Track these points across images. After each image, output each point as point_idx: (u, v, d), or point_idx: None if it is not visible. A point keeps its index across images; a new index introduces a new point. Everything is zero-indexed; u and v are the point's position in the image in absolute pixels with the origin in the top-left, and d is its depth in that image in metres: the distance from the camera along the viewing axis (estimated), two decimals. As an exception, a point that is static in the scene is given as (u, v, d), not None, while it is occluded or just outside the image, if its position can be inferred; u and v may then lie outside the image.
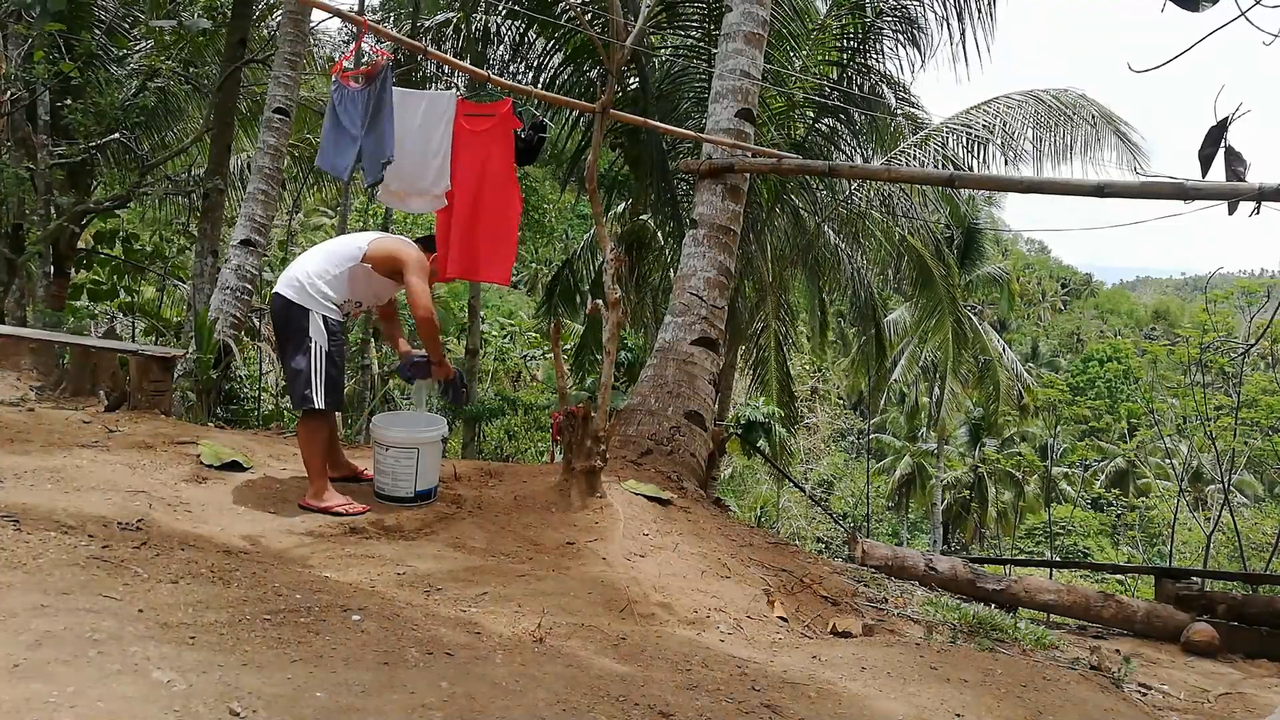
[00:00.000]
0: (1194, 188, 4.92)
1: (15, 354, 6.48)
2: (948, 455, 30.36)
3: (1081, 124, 10.57)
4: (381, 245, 4.55)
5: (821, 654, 3.58)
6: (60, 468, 4.08)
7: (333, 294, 4.40)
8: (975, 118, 10.88)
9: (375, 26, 5.70)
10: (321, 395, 4.32)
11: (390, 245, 4.59)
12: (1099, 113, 10.66)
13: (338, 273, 4.42)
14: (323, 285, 4.38)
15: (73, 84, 9.80)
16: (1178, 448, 20.01)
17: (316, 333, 4.32)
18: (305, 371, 4.30)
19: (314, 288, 4.37)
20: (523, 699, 2.35)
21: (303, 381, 4.32)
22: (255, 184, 7.94)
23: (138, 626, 2.28)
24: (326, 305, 4.39)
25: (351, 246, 4.54)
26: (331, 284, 4.40)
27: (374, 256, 4.47)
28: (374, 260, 4.47)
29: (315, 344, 4.31)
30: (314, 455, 4.37)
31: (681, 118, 10.76)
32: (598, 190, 5.45)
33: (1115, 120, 10.71)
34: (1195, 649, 5.67)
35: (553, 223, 19.97)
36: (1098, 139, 10.58)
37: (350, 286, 4.47)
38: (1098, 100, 10.86)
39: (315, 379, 4.30)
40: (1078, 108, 10.65)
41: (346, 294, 4.47)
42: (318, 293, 4.36)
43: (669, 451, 6.27)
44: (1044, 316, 57.39)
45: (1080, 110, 10.63)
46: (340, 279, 4.43)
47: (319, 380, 4.30)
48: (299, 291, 4.35)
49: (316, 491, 4.36)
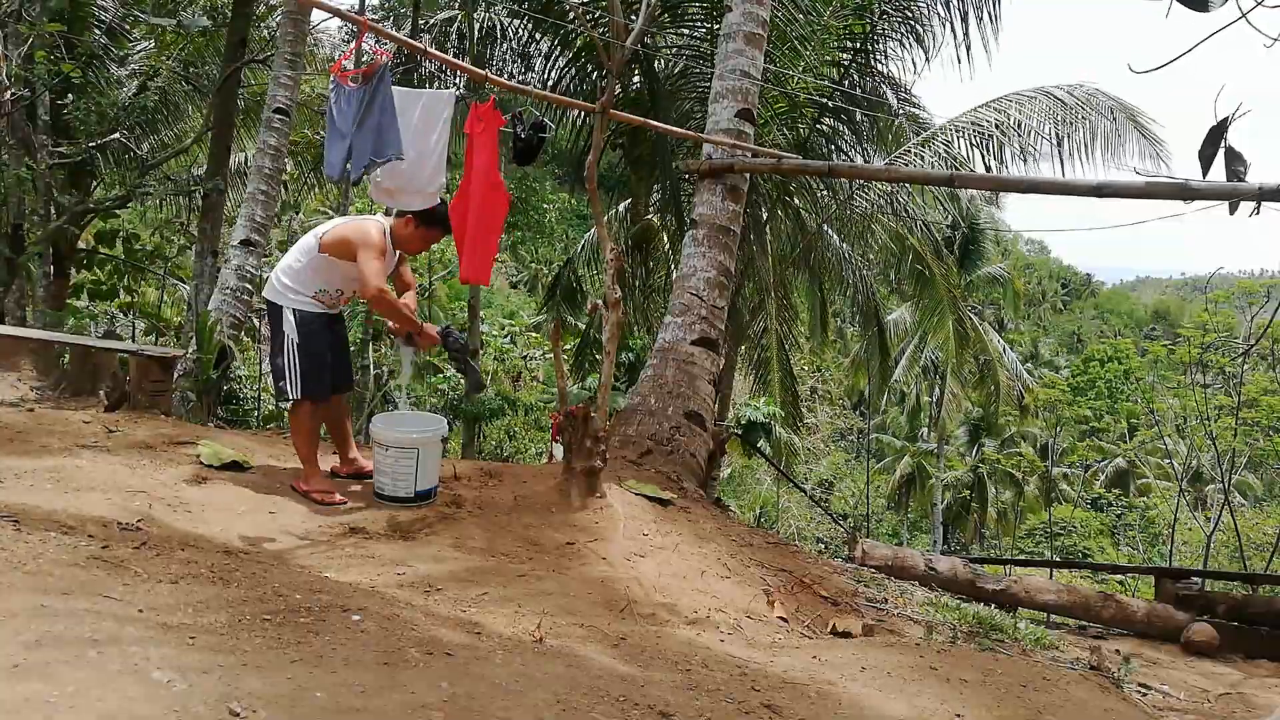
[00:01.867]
0: (1194, 188, 4.92)
1: (15, 354, 6.48)
2: (948, 455, 30.35)
3: (1101, 119, 10.28)
4: (335, 232, 4.54)
5: (822, 654, 3.58)
6: (60, 468, 4.08)
7: (299, 287, 4.52)
8: (984, 115, 10.73)
9: (375, 26, 5.70)
10: (297, 386, 4.49)
11: (342, 230, 4.55)
12: (1116, 106, 10.36)
13: (299, 266, 4.52)
14: (288, 280, 4.53)
15: (73, 84, 9.80)
16: (1177, 449, 20.01)
17: (288, 327, 4.48)
18: (281, 366, 4.52)
19: (282, 284, 4.53)
20: (523, 699, 2.35)
21: (278, 374, 4.60)
22: (255, 184, 7.93)
23: (138, 626, 2.27)
24: (297, 298, 4.52)
25: (311, 238, 4.59)
26: (296, 277, 4.52)
27: (328, 245, 4.49)
28: (329, 249, 4.48)
29: (288, 338, 4.47)
30: (301, 444, 4.58)
31: (684, 117, 10.76)
32: (598, 190, 5.45)
33: (1132, 111, 10.40)
34: (1195, 649, 5.67)
35: (553, 223, 19.98)
36: (1118, 134, 10.29)
37: (315, 277, 4.53)
38: (1113, 93, 10.55)
39: (290, 372, 4.47)
40: (1093, 103, 10.39)
41: (316, 285, 4.54)
42: (285, 288, 4.52)
43: (669, 452, 6.26)
44: (1044, 316, 57.35)
45: (1097, 105, 10.37)
46: (303, 271, 4.52)
47: (293, 372, 4.47)
48: (272, 290, 4.57)
49: (305, 476, 4.55)
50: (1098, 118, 10.37)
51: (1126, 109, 10.44)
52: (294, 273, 4.52)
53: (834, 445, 34.17)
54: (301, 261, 4.52)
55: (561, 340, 7.28)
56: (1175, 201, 5.15)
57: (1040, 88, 10.79)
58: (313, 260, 4.51)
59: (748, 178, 7.63)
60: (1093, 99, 10.47)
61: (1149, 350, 25.21)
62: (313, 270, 4.52)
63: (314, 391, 4.54)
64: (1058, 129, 10.45)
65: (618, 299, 5.04)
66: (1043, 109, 10.60)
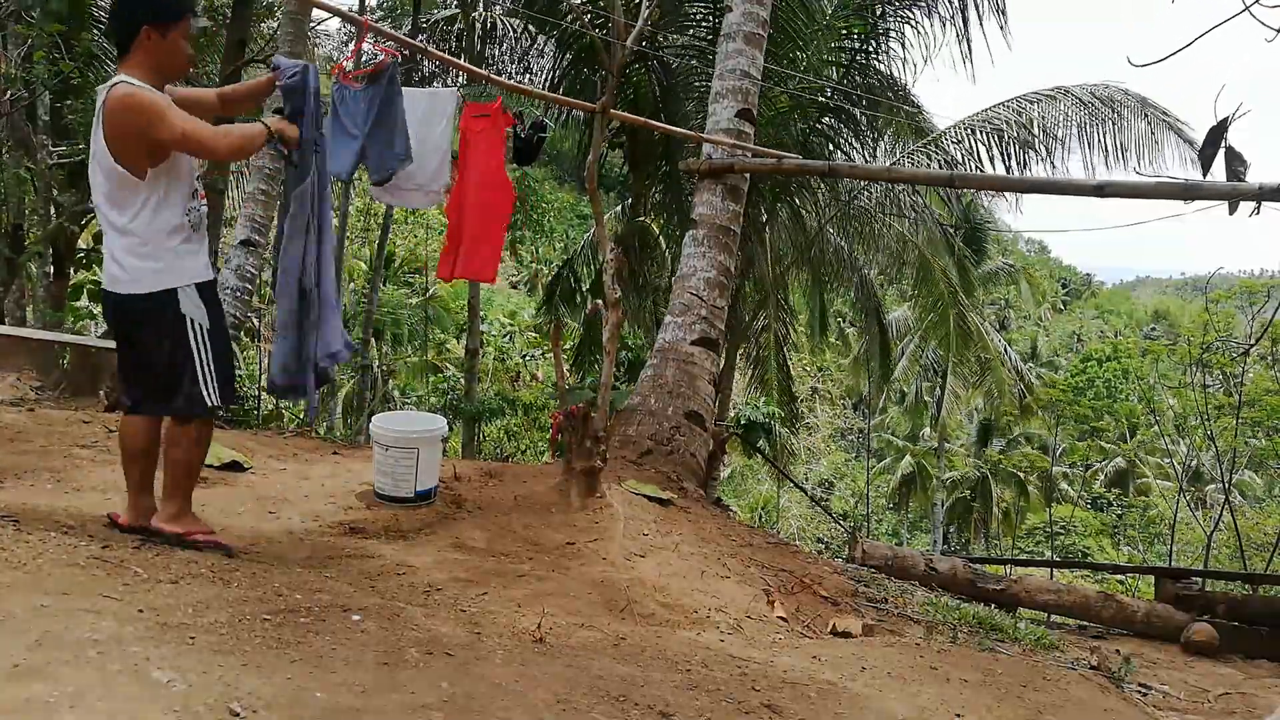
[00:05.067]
0: (1194, 187, 4.92)
1: (15, 354, 6.48)
2: (951, 454, 30.36)
3: (1136, 120, 9.93)
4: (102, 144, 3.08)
5: (822, 654, 3.58)
6: (60, 468, 4.08)
7: (172, 244, 3.21)
8: (1000, 114, 10.56)
9: (375, 26, 5.70)
10: (213, 390, 3.29)
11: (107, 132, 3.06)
12: (1143, 105, 9.99)
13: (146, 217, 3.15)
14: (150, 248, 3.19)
15: (73, 84, 9.80)
16: (1177, 449, 20.02)
17: (190, 308, 3.25)
18: (181, 367, 3.28)
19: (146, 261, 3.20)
20: (523, 699, 2.35)
21: (172, 381, 3.30)
22: (255, 184, 7.94)
23: (138, 626, 2.27)
24: (190, 263, 3.26)
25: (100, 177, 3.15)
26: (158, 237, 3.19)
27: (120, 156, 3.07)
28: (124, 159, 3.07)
29: (192, 325, 3.25)
30: (195, 470, 3.44)
31: (684, 118, 10.76)
32: (598, 190, 5.45)
33: (1151, 107, 10.00)
34: (1195, 649, 5.67)
35: (553, 223, 20.00)
36: (1154, 139, 9.82)
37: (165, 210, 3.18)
38: (1140, 92, 10.16)
39: (202, 370, 3.28)
40: (1112, 100, 10.07)
41: (173, 220, 3.20)
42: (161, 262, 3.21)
43: (669, 451, 6.26)
44: (1045, 316, 57.36)
45: (1124, 104, 10.02)
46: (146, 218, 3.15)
47: (206, 370, 3.28)
48: (140, 275, 3.22)
49: (180, 512, 3.31)
50: (1132, 119, 9.94)
51: (1162, 113, 9.98)
52: (153, 230, 3.15)
53: (834, 445, 34.17)
54: (138, 207, 3.13)
55: (562, 340, 7.28)
56: (1175, 201, 5.15)
57: (1059, 86, 10.44)
58: (141, 194, 3.12)
59: (748, 177, 7.63)
60: (1115, 98, 10.07)
61: (1149, 350, 25.20)
62: (159, 208, 3.15)
63: (232, 394, 3.42)
64: (1068, 130, 10.13)
65: (617, 299, 5.04)
66: (1059, 109, 10.26)
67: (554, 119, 11.57)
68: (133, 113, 3.03)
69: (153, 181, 3.13)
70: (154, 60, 3.15)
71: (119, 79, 3.09)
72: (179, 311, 3.19)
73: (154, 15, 3.13)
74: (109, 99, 3.05)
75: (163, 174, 3.16)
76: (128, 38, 3.14)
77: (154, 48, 3.14)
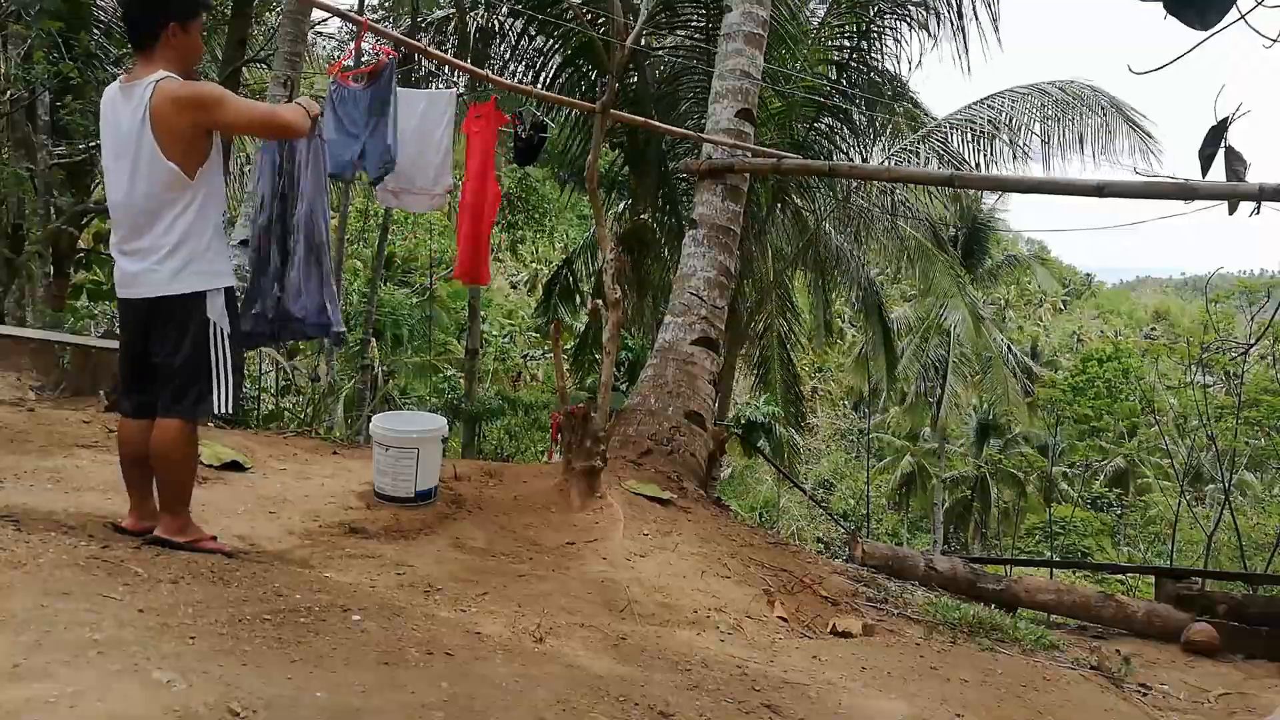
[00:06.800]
0: (1194, 187, 4.92)
1: (15, 354, 6.48)
2: (951, 454, 30.34)
3: (1091, 115, 10.20)
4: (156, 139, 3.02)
5: (822, 654, 3.58)
6: (60, 468, 4.08)
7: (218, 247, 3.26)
8: (979, 112, 10.71)
9: (375, 26, 5.71)
10: (226, 397, 3.29)
11: (158, 124, 3.02)
12: (1109, 103, 10.30)
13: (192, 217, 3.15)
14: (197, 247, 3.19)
15: (72, 84, 9.80)
16: (1177, 449, 20.01)
17: (216, 313, 3.24)
18: (195, 369, 3.25)
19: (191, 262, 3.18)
20: (523, 699, 2.35)
21: (186, 382, 3.26)
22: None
23: (138, 626, 2.27)
24: (222, 266, 3.28)
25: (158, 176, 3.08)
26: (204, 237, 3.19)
27: (169, 148, 3.04)
28: (172, 152, 3.04)
29: (214, 330, 3.25)
30: (189, 475, 3.33)
31: (682, 118, 10.76)
32: (598, 190, 5.46)
33: (1125, 108, 10.32)
34: (1195, 649, 5.66)
35: (553, 222, 19.98)
36: (1108, 129, 10.19)
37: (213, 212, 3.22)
38: (1106, 89, 10.49)
39: (218, 376, 3.26)
40: (1085, 98, 10.34)
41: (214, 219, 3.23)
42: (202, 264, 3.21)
43: (669, 451, 6.26)
44: (1045, 316, 57.36)
45: (1089, 100, 10.31)
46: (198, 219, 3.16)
47: (222, 377, 3.27)
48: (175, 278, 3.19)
49: (185, 522, 3.27)
50: (1088, 113, 10.29)
51: (1117, 104, 10.36)
52: (194, 231, 3.13)
53: (834, 445, 34.17)
54: (181, 207, 3.10)
55: (562, 340, 7.28)
56: (1175, 201, 5.15)
57: (1035, 84, 10.69)
58: (187, 194, 3.10)
59: (747, 177, 7.63)
60: (1084, 95, 10.39)
61: (1149, 350, 25.23)
62: (203, 208, 3.14)
63: (238, 404, 3.36)
64: (1047, 125, 10.38)
65: (618, 299, 5.04)
66: (1034, 105, 10.51)
67: (553, 119, 11.56)
68: (190, 104, 3.05)
69: (198, 181, 3.15)
70: (179, 54, 3.16)
71: (160, 75, 3.05)
72: (205, 315, 3.18)
73: (182, 11, 3.15)
74: (156, 95, 3.02)
75: (206, 173, 3.17)
76: (152, 35, 3.12)
77: (179, 43, 3.15)
